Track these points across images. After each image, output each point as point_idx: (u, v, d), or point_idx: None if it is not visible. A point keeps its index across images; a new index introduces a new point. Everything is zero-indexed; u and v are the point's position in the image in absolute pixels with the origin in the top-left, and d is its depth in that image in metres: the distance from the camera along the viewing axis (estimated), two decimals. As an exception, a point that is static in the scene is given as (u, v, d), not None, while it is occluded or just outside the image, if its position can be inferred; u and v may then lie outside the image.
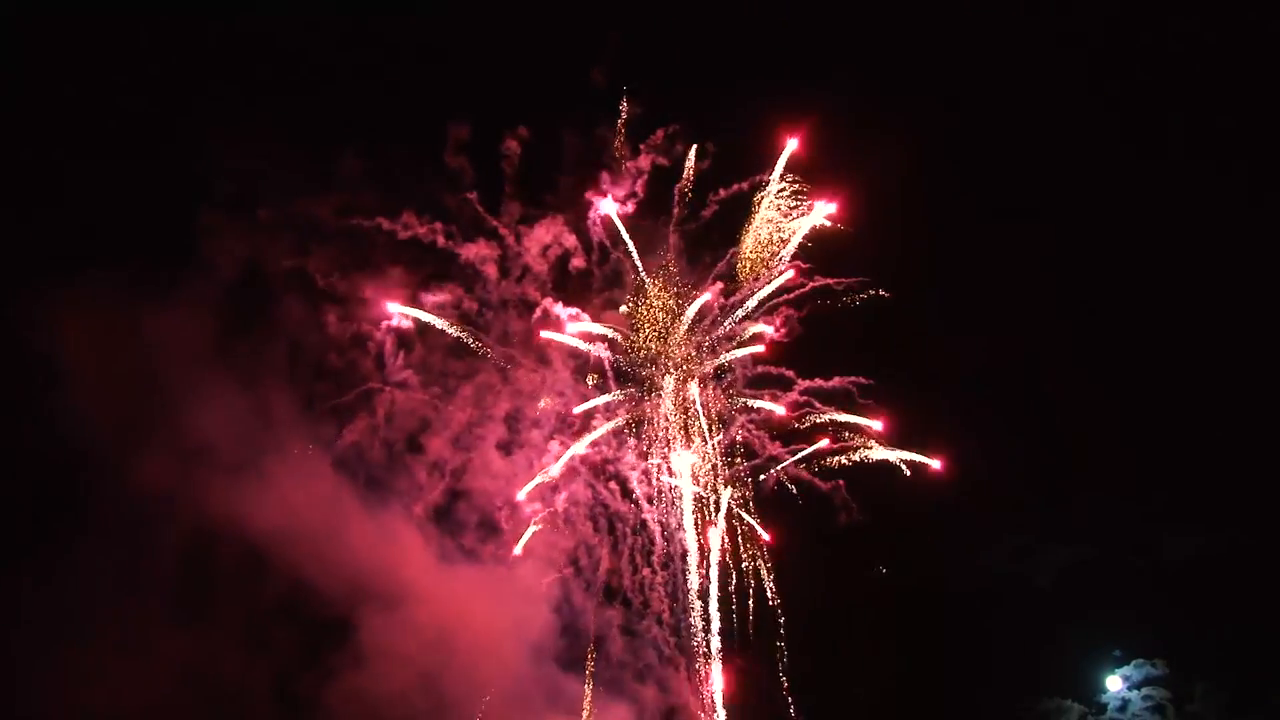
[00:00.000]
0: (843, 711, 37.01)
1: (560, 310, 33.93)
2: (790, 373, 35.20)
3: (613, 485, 35.08)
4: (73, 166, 32.85)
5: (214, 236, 32.01)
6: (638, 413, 35.36)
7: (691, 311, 34.88)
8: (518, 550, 34.30)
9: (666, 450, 35.06)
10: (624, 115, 34.17)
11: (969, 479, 37.30)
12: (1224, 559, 38.92)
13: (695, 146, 34.15)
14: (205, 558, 32.01)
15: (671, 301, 35.17)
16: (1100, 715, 39.16)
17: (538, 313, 34.13)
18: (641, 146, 34.31)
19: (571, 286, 34.80)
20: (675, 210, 35.06)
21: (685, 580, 34.38)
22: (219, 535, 31.61)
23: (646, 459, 35.04)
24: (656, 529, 34.80)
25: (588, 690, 34.15)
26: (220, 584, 32.50)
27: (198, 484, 31.42)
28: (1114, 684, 39.34)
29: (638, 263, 34.67)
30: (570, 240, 34.33)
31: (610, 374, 34.93)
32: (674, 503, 34.86)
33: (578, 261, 34.56)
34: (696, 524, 34.66)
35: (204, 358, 31.83)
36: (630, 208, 34.43)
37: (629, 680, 34.70)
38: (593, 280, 35.13)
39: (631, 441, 35.30)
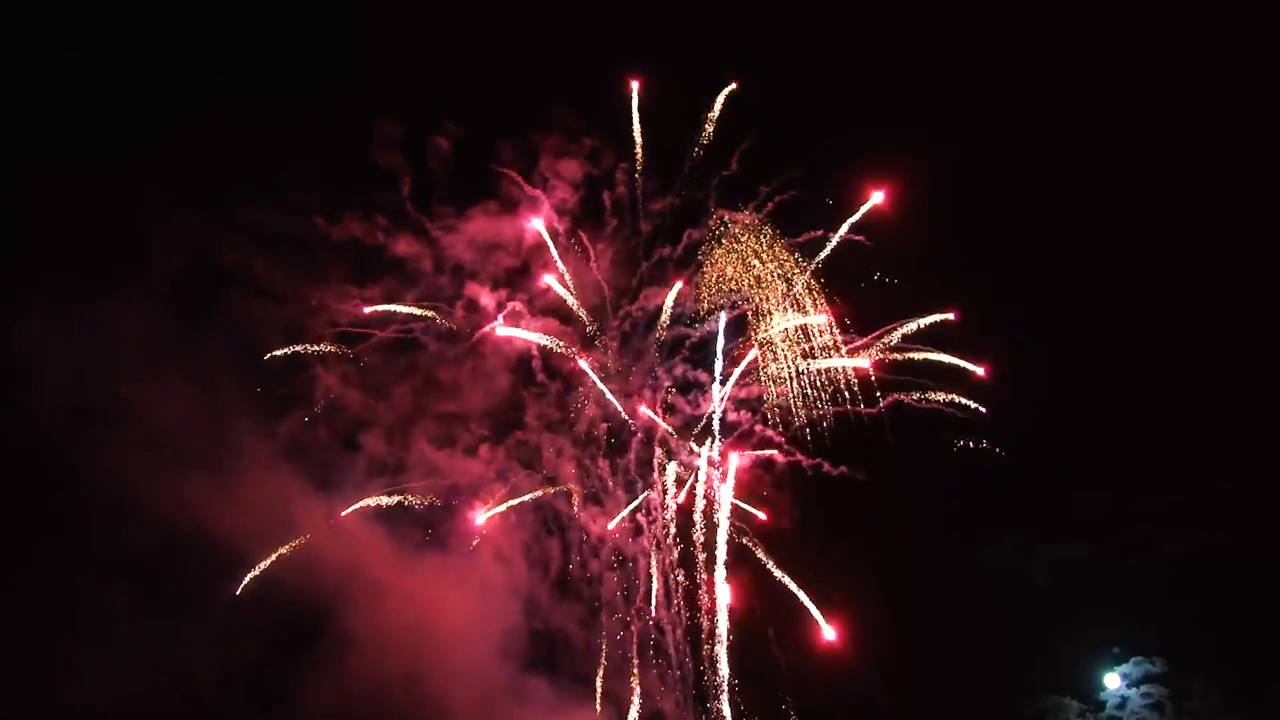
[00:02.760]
0: (839, 710, 37.06)
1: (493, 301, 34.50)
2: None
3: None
4: (21, 167, 33.10)
5: (161, 237, 32.53)
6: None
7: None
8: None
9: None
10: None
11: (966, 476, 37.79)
12: (1223, 557, 38.50)
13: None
14: (161, 554, 32.15)
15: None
16: (1099, 713, 39.07)
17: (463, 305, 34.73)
18: (557, 164, 34.83)
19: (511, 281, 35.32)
20: (610, 221, 35.31)
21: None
22: (175, 532, 31.77)
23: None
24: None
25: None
26: (177, 581, 32.66)
27: (154, 481, 31.64)
28: (1112, 682, 39.23)
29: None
30: (507, 234, 34.74)
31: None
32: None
33: (513, 260, 34.99)
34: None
35: (153, 356, 32.22)
36: (562, 224, 34.96)
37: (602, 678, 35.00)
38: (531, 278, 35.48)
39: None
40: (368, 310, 34.33)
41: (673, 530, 35.18)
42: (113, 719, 31.72)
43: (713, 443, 35.11)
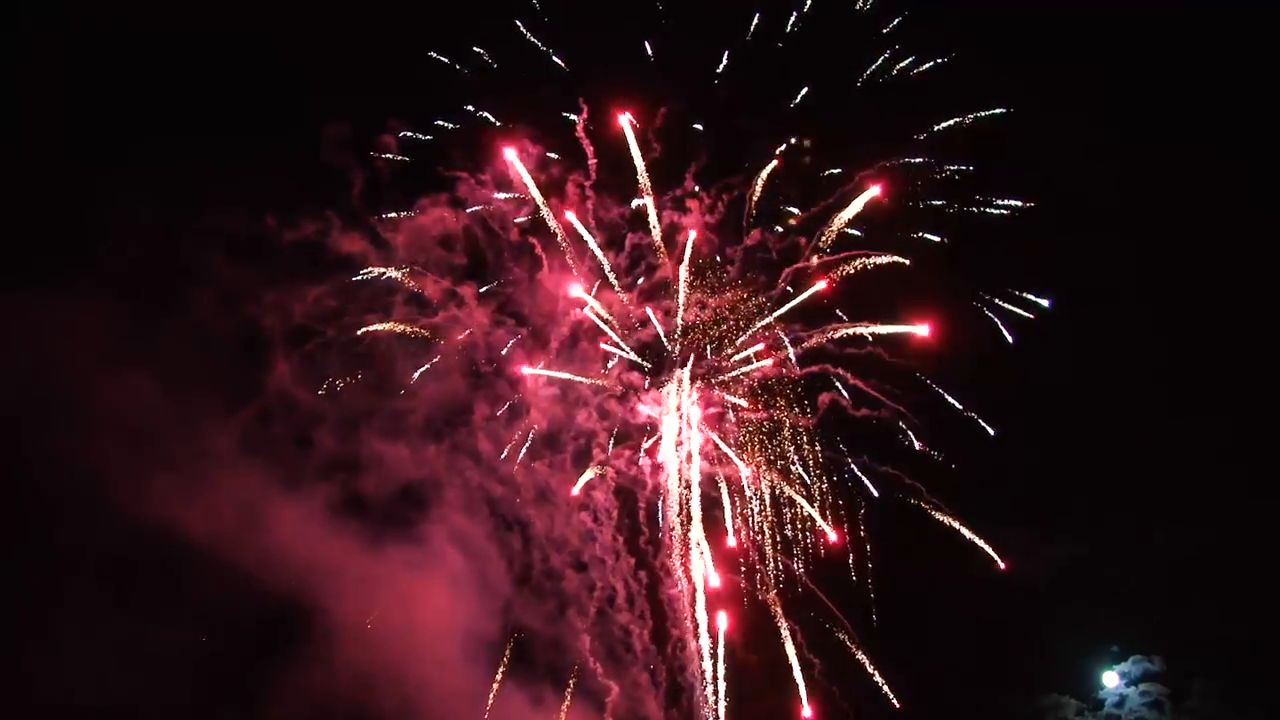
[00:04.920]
0: (837, 709, 36.99)
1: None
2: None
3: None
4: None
5: (115, 236, 32.29)
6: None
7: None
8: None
9: None
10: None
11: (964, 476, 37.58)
12: (1222, 555, 38.57)
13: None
14: (119, 552, 31.96)
15: None
16: (1097, 712, 39.12)
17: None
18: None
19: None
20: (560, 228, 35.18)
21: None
22: (137, 528, 31.30)
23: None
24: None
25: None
26: (136, 578, 32.55)
27: (114, 477, 31.31)
28: (1111, 680, 39.33)
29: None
30: (455, 227, 34.71)
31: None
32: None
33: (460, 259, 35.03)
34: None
35: (108, 352, 31.73)
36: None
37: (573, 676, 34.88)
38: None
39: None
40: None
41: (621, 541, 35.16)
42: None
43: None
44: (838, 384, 35.23)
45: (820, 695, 35.05)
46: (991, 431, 35.88)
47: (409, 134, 34.50)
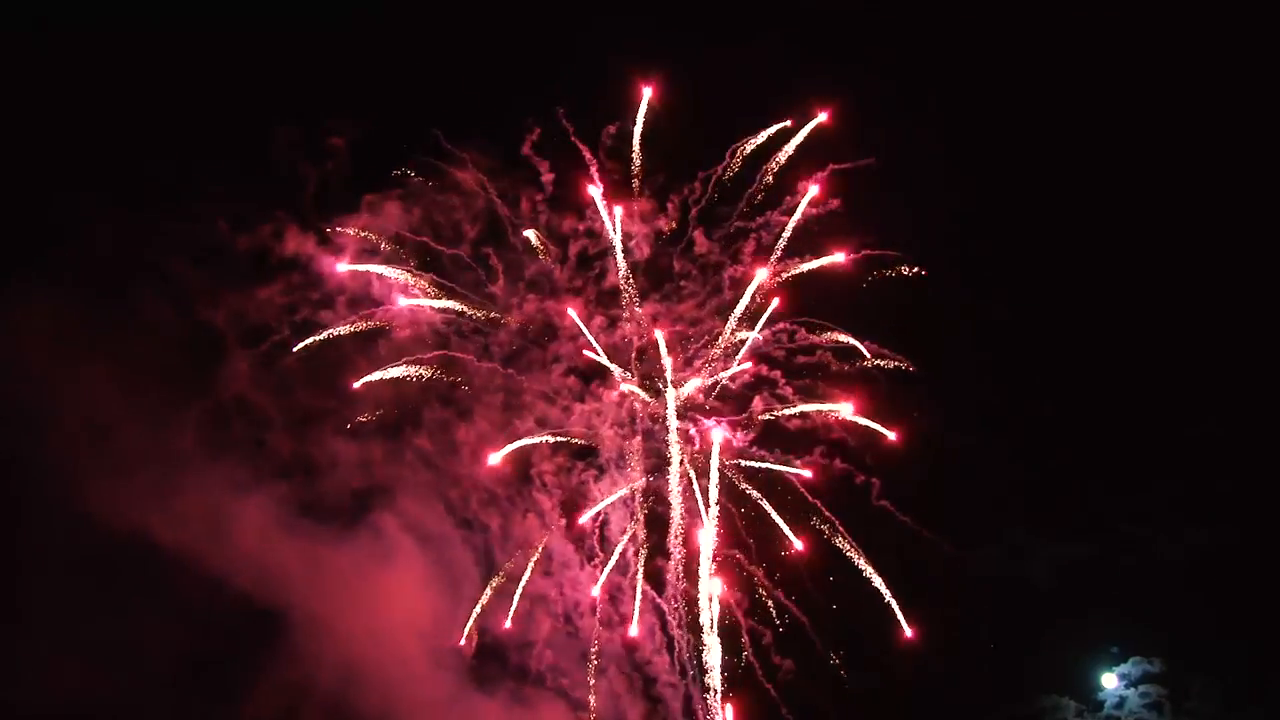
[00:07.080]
0: (836, 709, 37.57)
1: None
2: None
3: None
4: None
5: (74, 237, 33.17)
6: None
7: None
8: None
9: None
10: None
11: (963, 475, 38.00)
12: (1222, 556, 38.26)
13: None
14: (84, 552, 32.33)
15: None
16: (1097, 713, 38.95)
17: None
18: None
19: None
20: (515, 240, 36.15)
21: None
22: (95, 530, 31.73)
23: None
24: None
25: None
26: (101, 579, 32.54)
27: (76, 478, 31.86)
28: (1110, 682, 39.11)
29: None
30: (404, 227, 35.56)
31: None
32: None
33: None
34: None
35: (65, 355, 32.49)
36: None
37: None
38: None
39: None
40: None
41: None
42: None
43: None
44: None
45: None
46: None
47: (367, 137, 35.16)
